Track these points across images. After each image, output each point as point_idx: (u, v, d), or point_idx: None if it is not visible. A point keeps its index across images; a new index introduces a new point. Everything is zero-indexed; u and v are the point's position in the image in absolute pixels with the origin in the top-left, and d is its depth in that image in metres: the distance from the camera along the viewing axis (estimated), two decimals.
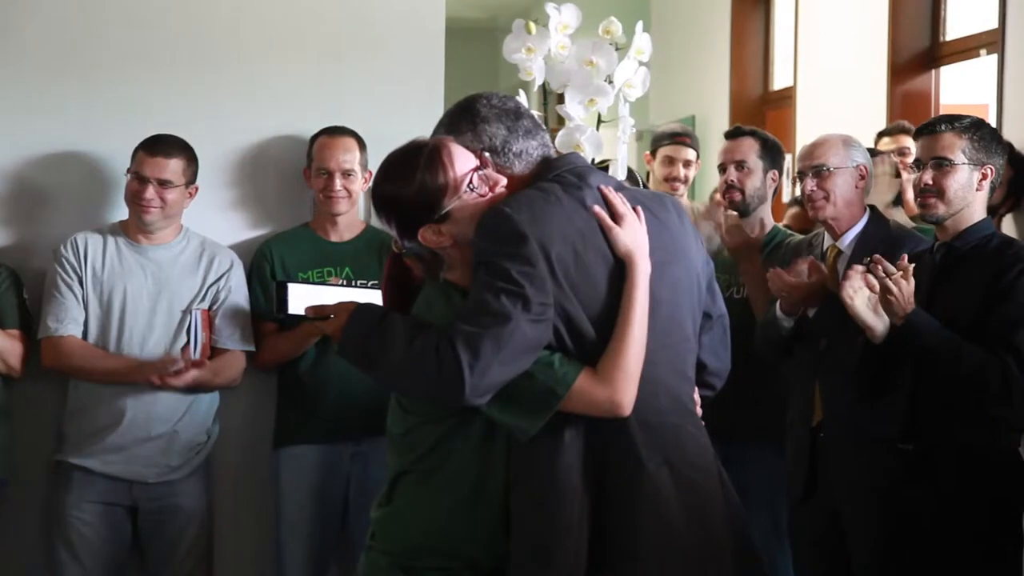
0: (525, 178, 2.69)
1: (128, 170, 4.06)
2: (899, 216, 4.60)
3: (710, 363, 2.88)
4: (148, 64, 4.30)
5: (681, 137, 5.33)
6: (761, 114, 7.73)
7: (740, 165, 4.40)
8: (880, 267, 3.48)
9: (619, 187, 2.74)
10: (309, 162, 4.28)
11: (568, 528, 2.58)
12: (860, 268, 3.52)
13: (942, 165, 3.59)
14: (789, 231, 4.55)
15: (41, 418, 4.12)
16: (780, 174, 4.51)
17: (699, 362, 2.84)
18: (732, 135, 4.52)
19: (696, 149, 5.34)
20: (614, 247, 2.61)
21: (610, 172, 3.33)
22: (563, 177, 2.66)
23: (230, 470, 4.29)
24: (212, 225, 4.28)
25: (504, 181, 2.67)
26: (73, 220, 4.23)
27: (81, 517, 4.01)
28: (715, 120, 8.09)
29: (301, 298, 3.56)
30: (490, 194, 2.65)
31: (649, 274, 2.62)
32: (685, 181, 5.25)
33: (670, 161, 5.24)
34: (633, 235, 2.62)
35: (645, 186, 4.48)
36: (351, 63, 4.41)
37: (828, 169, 3.99)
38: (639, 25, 3.24)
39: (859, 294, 3.51)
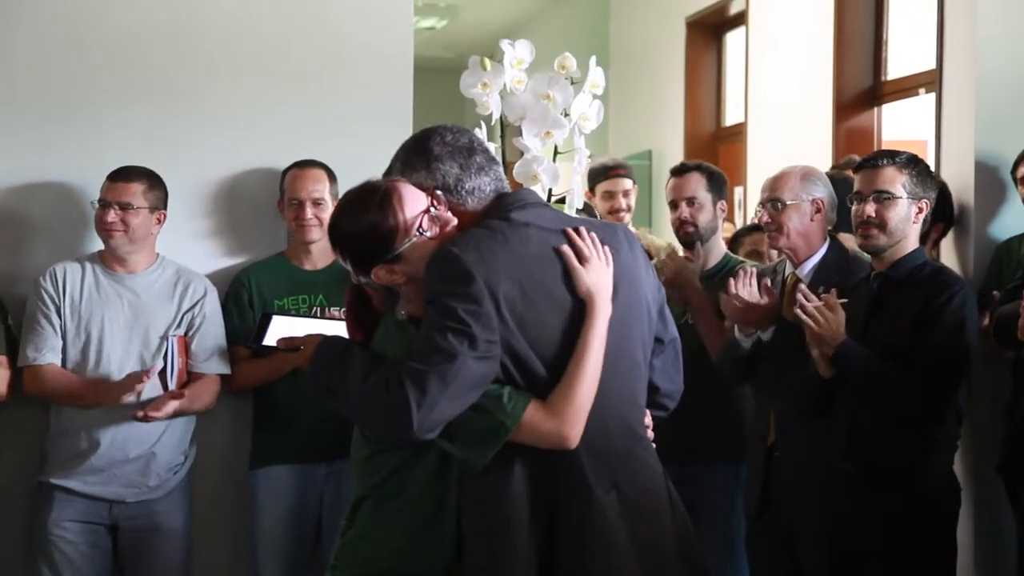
0: (478, 214, 2.67)
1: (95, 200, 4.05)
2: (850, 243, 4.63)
3: (663, 386, 2.85)
4: (128, 99, 4.28)
5: (615, 171, 5.36)
6: (714, 149, 7.77)
7: (691, 201, 4.40)
8: (805, 298, 3.52)
9: (574, 218, 2.75)
10: (281, 193, 4.26)
11: (516, 556, 2.56)
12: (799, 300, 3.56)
13: (883, 198, 3.62)
14: (739, 259, 4.55)
15: (24, 440, 4.08)
16: (726, 202, 4.54)
17: (652, 385, 2.82)
18: (679, 172, 4.49)
19: (631, 177, 5.38)
20: (576, 287, 2.59)
21: (566, 202, 3.31)
22: (512, 215, 2.64)
23: (208, 490, 4.26)
24: (189, 254, 4.26)
25: (454, 221, 2.65)
26: (54, 249, 4.19)
27: (63, 536, 3.96)
28: (670, 154, 8.12)
29: (279, 330, 3.50)
30: (440, 234, 2.63)
31: (609, 316, 2.60)
32: (628, 210, 5.29)
33: (610, 195, 5.29)
34: (597, 277, 2.60)
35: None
36: (324, 99, 4.40)
37: (782, 203, 4.00)
38: (592, 60, 3.24)
39: (808, 330, 3.56)
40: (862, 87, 6.22)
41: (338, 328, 2.83)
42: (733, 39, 7.87)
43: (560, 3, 10.82)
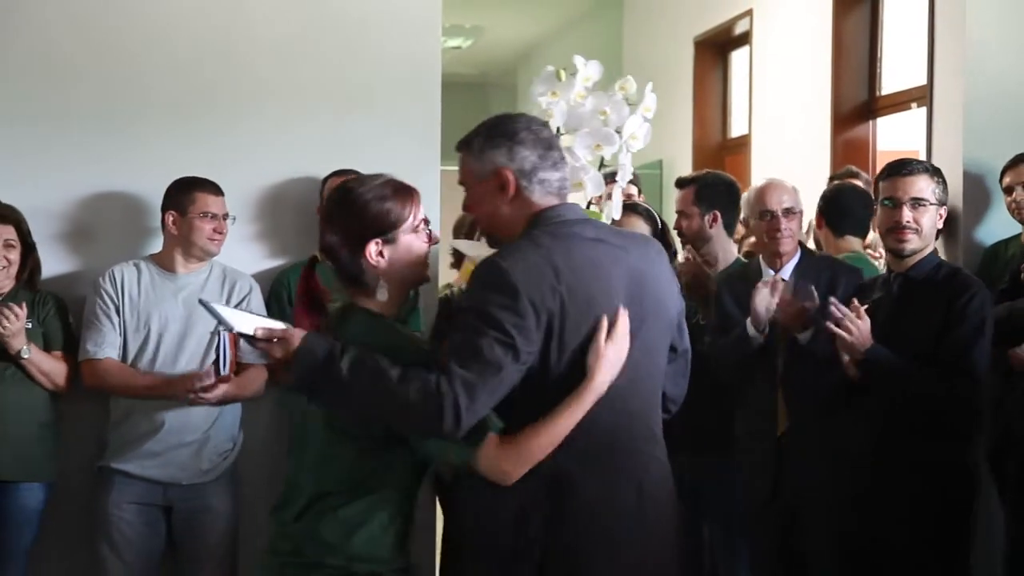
0: (527, 217, 2.64)
1: (188, 211, 4.08)
2: (844, 246, 4.64)
3: (670, 391, 2.85)
4: (180, 114, 4.32)
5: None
6: (720, 159, 7.77)
7: (682, 213, 4.43)
8: (837, 311, 3.48)
9: (613, 231, 2.72)
10: (321, 200, 4.29)
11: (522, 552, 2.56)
12: (835, 316, 3.51)
13: (919, 204, 3.59)
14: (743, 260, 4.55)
15: (84, 428, 4.12)
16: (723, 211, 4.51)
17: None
18: (677, 185, 4.53)
19: (638, 185, 5.41)
20: (591, 354, 2.54)
21: (604, 213, 3.32)
22: (558, 228, 2.61)
23: (253, 474, 4.28)
24: (236, 255, 4.28)
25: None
26: (111, 253, 4.22)
27: (122, 516, 4.00)
28: (680, 163, 8.13)
29: (238, 319, 3.22)
30: (428, 244, 2.68)
31: (600, 392, 2.55)
32: None
33: None
34: (613, 354, 2.56)
35: (663, 224, 4.41)
36: (359, 114, 4.43)
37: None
38: (649, 85, 3.24)
39: (838, 338, 3.52)
40: (858, 101, 6.22)
41: (268, 321, 2.75)
42: (738, 57, 7.88)
43: (576, 24, 10.83)
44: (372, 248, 2.62)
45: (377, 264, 2.63)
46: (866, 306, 3.53)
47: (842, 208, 4.70)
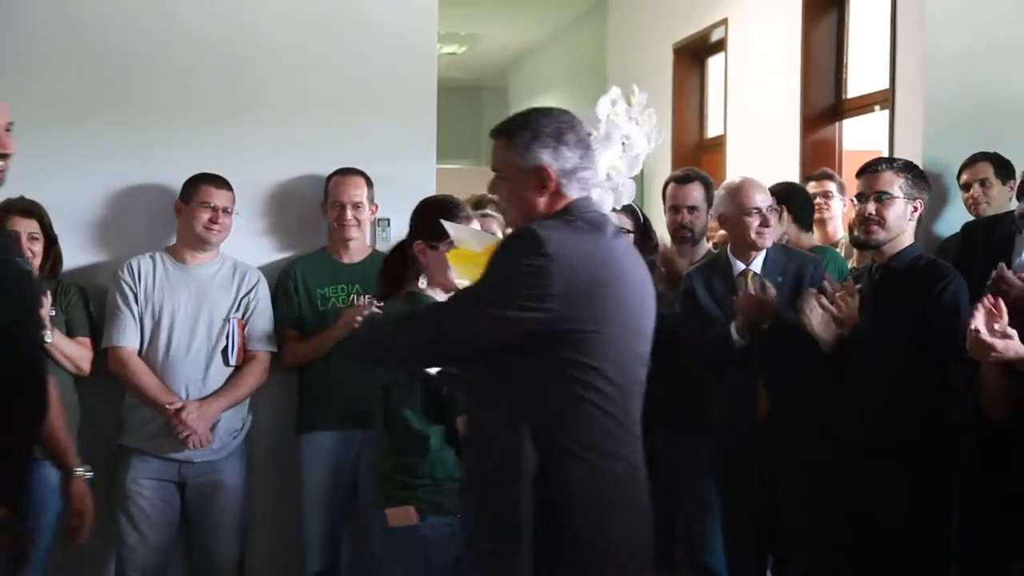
0: (552, 210, 2.62)
1: (191, 201, 4.08)
2: (805, 239, 4.64)
3: None
4: (193, 116, 4.32)
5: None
6: (698, 157, 7.76)
7: (692, 209, 4.41)
8: (831, 287, 3.51)
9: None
10: (325, 196, 4.29)
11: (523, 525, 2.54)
12: (814, 291, 3.55)
13: (883, 198, 3.60)
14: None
15: (105, 410, 4.12)
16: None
17: None
18: (682, 180, 4.47)
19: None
20: None
21: None
22: (587, 218, 2.61)
23: (261, 452, 4.29)
24: (245, 248, 4.29)
25: None
26: (130, 245, 4.23)
27: (139, 492, 4.01)
28: (660, 162, 8.12)
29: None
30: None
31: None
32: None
33: None
34: None
35: (645, 219, 4.34)
36: (361, 115, 4.43)
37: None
38: (654, 118, 3.20)
39: (814, 313, 3.54)
40: (825, 104, 6.21)
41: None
42: (714, 63, 7.87)
43: (564, 32, 10.82)
44: (417, 247, 3.18)
45: (422, 258, 3.18)
46: (858, 287, 3.56)
47: (808, 205, 4.72)
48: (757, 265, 3.99)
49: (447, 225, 2.94)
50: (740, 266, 4.01)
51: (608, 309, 2.54)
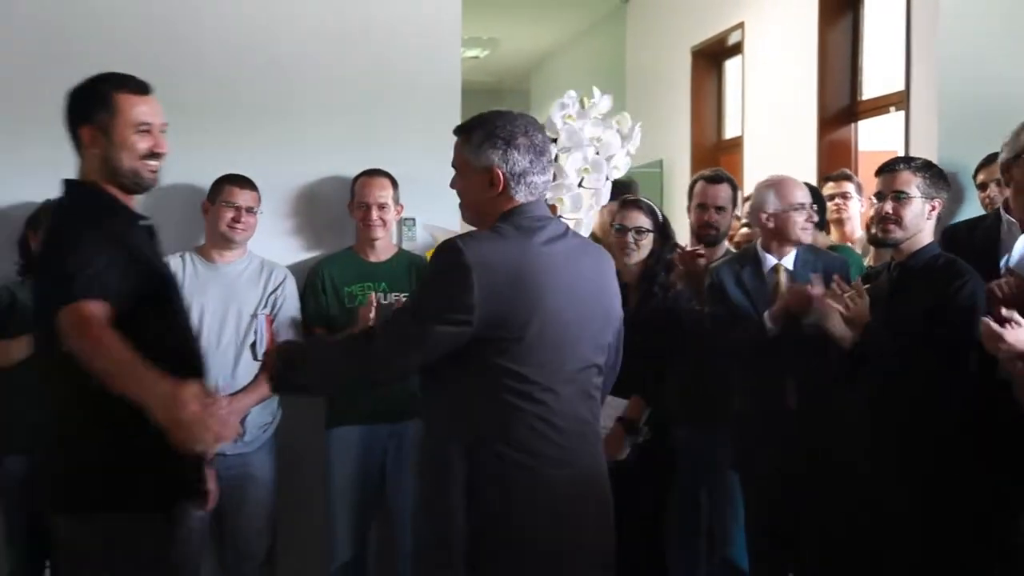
0: (498, 212, 2.65)
1: (216, 201, 4.11)
2: (821, 239, 4.64)
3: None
4: (225, 118, 4.34)
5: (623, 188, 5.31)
6: (716, 158, 7.75)
7: (719, 209, 4.41)
8: (840, 288, 3.50)
9: (569, 234, 2.71)
10: (352, 197, 4.30)
11: (453, 517, 2.57)
12: (828, 293, 3.55)
13: (900, 197, 3.59)
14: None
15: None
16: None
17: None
18: (713, 180, 4.45)
19: (633, 191, 5.31)
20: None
21: (575, 227, 3.31)
22: (521, 223, 2.62)
23: (291, 446, 4.30)
24: (273, 248, 4.31)
25: None
26: (163, 245, 4.24)
27: None
28: (679, 163, 8.13)
29: None
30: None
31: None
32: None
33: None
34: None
35: (664, 218, 4.27)
36: (386, 118, 4.45)
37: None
38: (637, 125, 3.23)
39: (832, 313, 3.54)
40: (841, 106, 6.21)
41: None
42: (731, 65, 7.86)
43: (584, 35, 10.82)
44: None
45: None
46: (867, 286, 3.55)
47: (822, 205, 4.71)
48: (788, 262, 4.00)
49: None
50: (771, 261, 4.01)
51: (533, 315, 2.55)
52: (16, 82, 4.22)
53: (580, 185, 3.09)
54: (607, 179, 3.14)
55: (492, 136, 2.64)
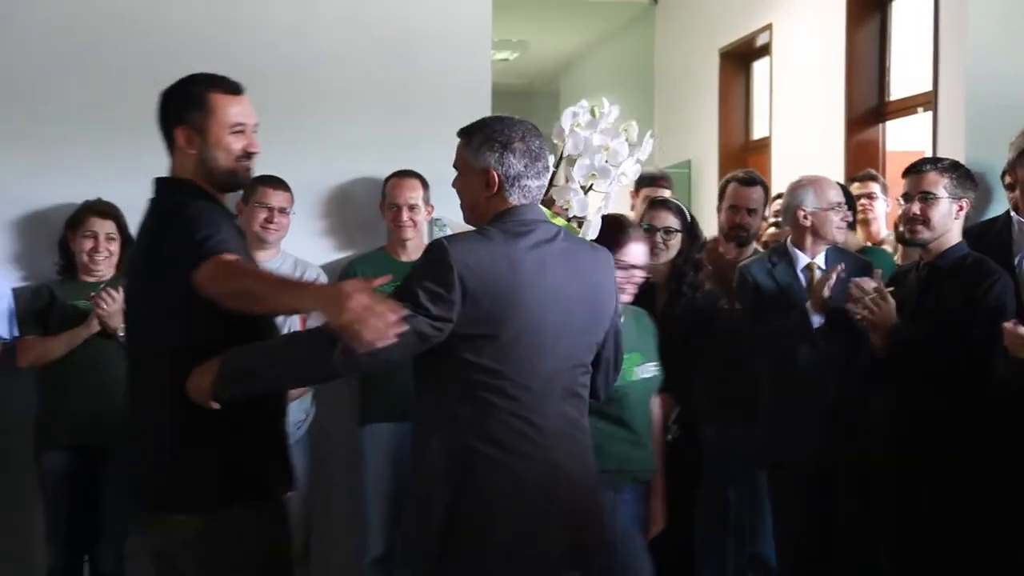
0: (492, 213, 2.69)
1: (249, 201, 4.14)
2: (852, 239, 4.62)
3: (599, 382, 2.89)
4: (260, 121, 4.36)
5: (659, 180, 5.37)
6: (743, 159, 7.73)
7: (751, 211, 4.41)
8: (859, 290, 3.49)
9: (559, 236, 2.73)
10: (383, 198, 4.32)
11: (432, 506, 2.62)
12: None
13: (927, 198, 3.58)
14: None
15: None
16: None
17: (592, 383, 2.84)
18: (747, 183, 4.46)
19: (670, 188, 5.36)
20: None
21: (581, 227, 3.32)
22: (508, 227, 2.66)
23: (325, 442, 4.33)
24: (306, 248, 4.34)
25: None
26: None
27: None
28: (707, 163, 8.11)
29: None
30: None
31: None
32: None
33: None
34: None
35: (692, 218, 4.32)
36: (418, 120, 4.46)
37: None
38: (648, 133, 3.23)
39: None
40: (869, 106, 6.18)
41: None
42: (759, 67, 7.84)
43: (612, 38, 10.81)
44: None
45: None
46: (891, 289, 3.54)
47: (851, 205, 4.69)
48: (819, 261, 4.00)
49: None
50: (803, 259, 4.01)
51: (511, 315, 2.59)
52: (54, 87, 4.26)
53: (590, 190, 3.11)
54: (617, 183, 3.16)
55: (490, 139, 2.70)
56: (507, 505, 2.61)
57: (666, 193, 5.21)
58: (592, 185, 3.14)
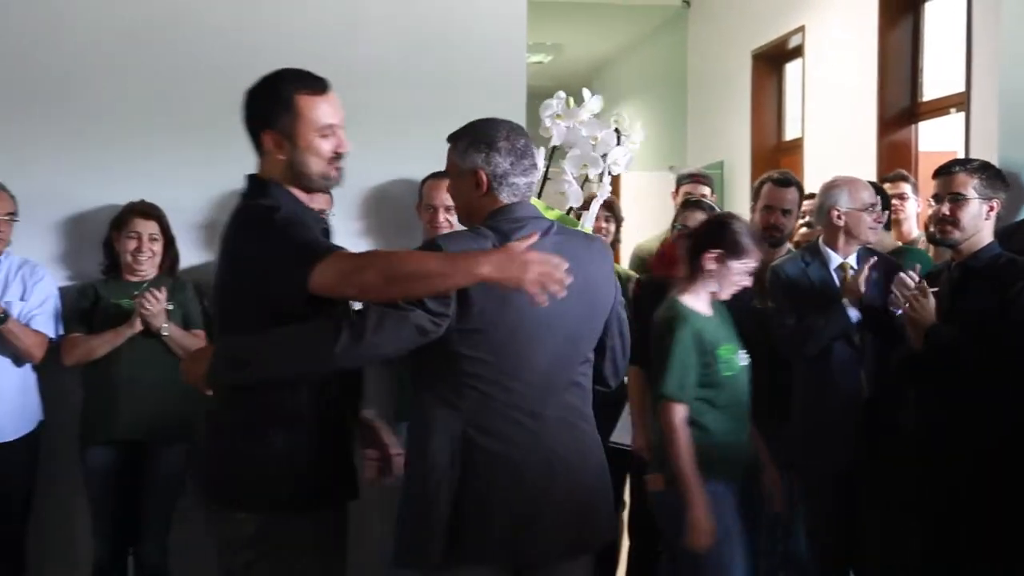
0: (485, 212, 2.72)
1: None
2: (887, 239, 4.61)
3: (606, 370, 2.89)
4: None
5: (699, 178, 5.47)
6: (776, 159, 7.72)
7: (786, 212, 4.41)
8: (902, 288, 3.48)
9: (558, 230, 2.76)
10: (419, 199, 4.34)
11: (437, 498, 2.63)
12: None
13: (957, 199, 3.58)
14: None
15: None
16: None
17: (598, 370, 2.86)
18: (782, 184, 4.45)
19: (711, 186, 5.44)
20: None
21: (581, 219, 3.34)
22: (497, 225, 2.69)
23: None
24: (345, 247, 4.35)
25: None
26: None
27: None
28: (740, 164, 8.10)
29: None
30: None
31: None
32: None
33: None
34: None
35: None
36: (454, 123, 4.44)
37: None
38: (638, 124, 3.25)
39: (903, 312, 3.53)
40: (901, 107, 6.15)
41: None
42: (791, 68, 7.82)
43: (645, 40, 10.80)
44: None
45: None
46: (935, 290, 3.53)
47: (887, 204, 4.67)
48: (852, 261, 4.01)
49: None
50: (836, 259, 4.01)
51: (503, 310, 2.61)
52: (98, 92, 4.31)
53: (587, 181, 3.13)
54: (609, 174, 3.17)
55: (476, 141, 2.75)
56: (507, 497, 2.63)
57: (706, 191, 5.29)
58: (588, 177, 3.16)
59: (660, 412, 3.39)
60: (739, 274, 3.47)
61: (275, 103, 2.70)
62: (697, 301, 3.50)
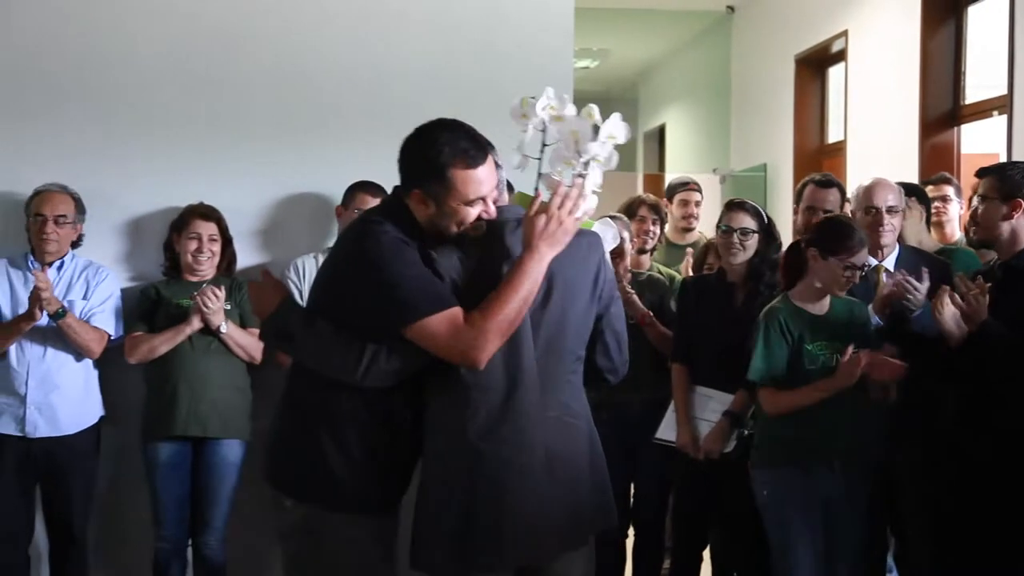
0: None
1: (349, 206, 4.18)
2: (927, 240, 4.55)
3: (602, 363, 2.88)
4: (347, 129, 4.44)
5: (689, 186, 5.63)
6: (819, 162, 7.66)
7: (827, 213, 4.37)
8: (963, 285, 3.45)
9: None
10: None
11: (449, 499, 2.66)
12: (947, 289, 3.45)
13: (984, 200, 3.56)
14: None
15: (275, 394, 4.22)
16: None
17: (594, 365, 2.85)
18: (825, 185, 4.44)
19: (700, 192, 5.66)
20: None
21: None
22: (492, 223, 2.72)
23: None
24: None
25: None
26: (293, 246, 4.37)
27: None
28: (783, 167, 8.05)
29: None
30: None
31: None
32: (695, 217, 5.62)
33: (684, 203, 5.60)
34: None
35: (768, 219, 4.26)
36: (503, 127, 4.47)
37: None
38: (617, 115, 3.18)
39: (947, 309, 3.45)
40: (944, 110, 6.08)
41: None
42: (834, 72, 7.76)
43: (690, 45, 10.77)
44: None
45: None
46: (989, 285, 3.49)
47: (929, 206, 4.63)
48: (890, 262, 3.96)
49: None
50: (872, 261, 3.97)
51: None
52: (159, 99, 4.36)
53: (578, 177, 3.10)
54: (594, 168, 3.13)
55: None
56: (515, 501, 2.64)
57: (697, 196, 5.55)
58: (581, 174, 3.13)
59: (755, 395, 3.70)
60: (840, 270, 3.58)
61: (429, 170, 2.65)
62: (804, 297, 3.66)
